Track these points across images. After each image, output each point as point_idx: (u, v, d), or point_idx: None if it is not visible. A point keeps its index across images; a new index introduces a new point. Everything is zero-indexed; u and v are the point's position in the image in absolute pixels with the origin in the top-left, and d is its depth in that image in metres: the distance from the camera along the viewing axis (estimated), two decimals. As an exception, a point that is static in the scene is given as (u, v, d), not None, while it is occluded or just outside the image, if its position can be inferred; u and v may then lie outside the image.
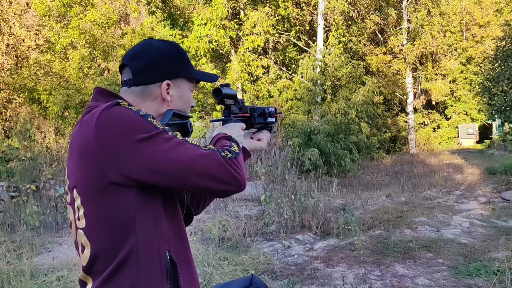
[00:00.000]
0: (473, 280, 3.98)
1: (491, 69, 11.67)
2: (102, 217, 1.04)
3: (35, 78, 14.62)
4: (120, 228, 1.04)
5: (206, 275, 3.88)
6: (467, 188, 9.69)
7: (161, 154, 1.00)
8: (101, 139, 1.01)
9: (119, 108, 1.04)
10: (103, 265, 1.05)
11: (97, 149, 1.01)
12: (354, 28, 16.68)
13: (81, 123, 1.08)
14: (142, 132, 1.00)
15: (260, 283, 1.85)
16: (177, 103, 1.22)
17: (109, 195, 1.02)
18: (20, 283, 3.84)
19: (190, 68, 1.25)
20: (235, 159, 1.09)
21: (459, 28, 22.17)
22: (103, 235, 1.05)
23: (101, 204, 1.04)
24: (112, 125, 1.01)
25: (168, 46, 1.23)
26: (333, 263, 4.63)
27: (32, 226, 6.06)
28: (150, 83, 1.18)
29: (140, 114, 1.03)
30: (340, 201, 7.96)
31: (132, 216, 1.03)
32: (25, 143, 7.89)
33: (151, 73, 1.18)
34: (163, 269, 1.07)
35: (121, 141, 1.00)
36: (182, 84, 1.23)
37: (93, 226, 1.06)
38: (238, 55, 15.28)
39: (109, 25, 14.98)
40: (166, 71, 1.19)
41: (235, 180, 1.07)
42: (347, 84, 14.27)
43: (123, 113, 1.03)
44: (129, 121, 1.01)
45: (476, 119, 22.86)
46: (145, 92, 1.18)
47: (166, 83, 1.19)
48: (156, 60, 1.19)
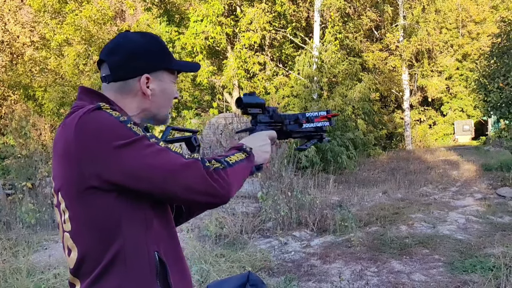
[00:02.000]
0: (469, 276, 4.00)
1: (487, 65, 11.71)
2: (87, 220, 1.03)
3: (30, 75, 14.56)
4: (106, 231, 1.03)
5: (203, 272, 3.89)
6: (463, 184, 9.73)
7: (140, 160, 0.97)
8: (80, 143, 0.99)
9: (100, 113, 1.01)
10: (90, 268, 1.04)
11: (77, 153, 0.99)
12: (351, 25, 16.68)
13: (64, 125, 1.06)
14: (121, 138, 0.97)
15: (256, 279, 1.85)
16: (158, 97, 1.17)
17: (92, 198, 1.01)
18: (16, 281, 3.82)
19: (171, 59, 1.20)
20: (222, 170, 1.03)
21: (455, 24, 22.18)
22: (88, 238, 1.04)
23: (85, 207, 1.03)
24: (91, 130, 0.99)
25: (145, 38, 1.18)
26: (330, 260, 4.64)
27: (28, 224, 6.03)
28: (128, 78, 1.13)
29: (120, 120, 1.01)
30: (336, 197, 7.97)
31: (117, 219, 1.02)
32: (20, 141, 7.85)
33: (128, 67, 1.13)
34: (152, 269, 1.06)
35: (100, 146, 0.98)
36: (162, 76, 1.17)
37: (78, 229, 1.05)
38: (235, 52, 15.25)
39: (104, 22, 14.92)
40: (144, 64, 1.14)
41: (214, 192, 1.01)
42: (344, 81, 14.27)
43: (103, 119, 1.00)
44: (108, 127, 0.99)
45: (472, 116, 22.93)
46: (124, 87, 1.14)
47: (145, 77, 1.14)
48: (133, 54, 1.14)
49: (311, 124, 1.44)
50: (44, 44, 15.78)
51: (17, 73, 14.30)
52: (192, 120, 14.45)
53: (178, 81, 15.12)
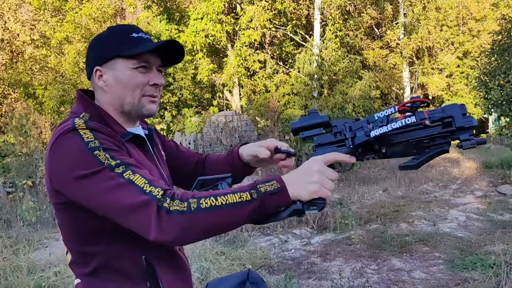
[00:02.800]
0: (469, 274, 4.00)
1: (488, 63, 11.67)
2: (69, 228, 1.08)
3: (30, 73, 14.55)
4: (88, 237, 1.06)
5: (203, 270, 3.89)
6: (463, 182, 9.73)
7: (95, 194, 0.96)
8: (50, 164, 1.02)
9: (73, 137, 1.00)
10: (81, 269, 1.09)
11: (49, 172, 1.03)
12: (351, 22, 16.65)
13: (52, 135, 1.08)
14: (82, 168, 0.96)
15: (256, 277, 1.85)
16: (115, 87, 1.12)
17: (70, 210, 1.05)
18: (17, 278, 3.83)
19: (124, 45, 1.11)
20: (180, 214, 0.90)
21: (455, 22, 22.14)
22: (75, 243, 1.09)
23: (66, 217, 1.07)
24: (59, 154, 1.00)
25: (102, 33, 1.18)
26: (330, 258, 4.65)
27: (28, 222, 6.04)
28: (90, 76, 1.16)
29: (88, 146, 0.98)
30: (337, 195, 7.97)
31: (97, 227, 1.04)
32: (21, 139, 7.86)
33: (87, 65, 1.16)
34: (141, 271, 1.07)
35: (63, 173, 0.99)
36: (115, 65, 1.11)
37: (65, 235, 1.10)
38: (235, 50, 15.23)
39: (104, 20, 14.88)
40: (94, 58, 1.14)
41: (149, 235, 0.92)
42: (344, 78, 14.25)
43: (74, 144, 0.99)
44: (75, 155, 0.98)
45: (472, 113, 22.90)
46: (93, 85, 1.16)
47: (95, 70, 1.13)
48: (88, 51, 1.17)
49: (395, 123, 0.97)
50: (44, 42, 15.76)
51: (17, 71, 14.29)
52: (193, 118, 14.46)
53: (179, 79, 15.11)
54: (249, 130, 12.44)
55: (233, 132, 12.01)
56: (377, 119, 0.99)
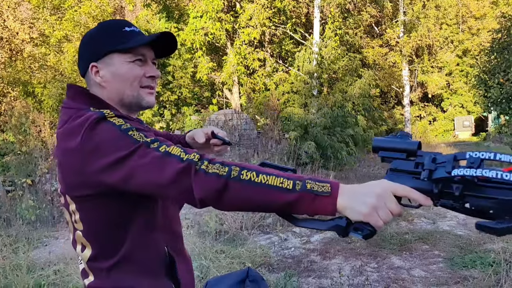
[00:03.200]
0: (469, 272, 4.01)
1: (487, 61, 11.67)
2: (97, 221, 1.08)
3: (29, 72, 14.52)
4: (116, 229, 1.07)
5: (203, 268, 3.89)
6: (463, 180, 9.73)
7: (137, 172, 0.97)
8: (85, 153, 1.00)
9: (105, 123, 1.01)
10: (103, 264, 1.09)
11: (83, 160, 1.01)
12: (351, 21, 16.63)
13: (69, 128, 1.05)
14: (121, 149, 0.97)
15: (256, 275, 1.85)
16: (112, 82, 1.13)
17: (99, 202, 1.05)
18: (16, 277, 3.82)
19: (118, 40, 1.13)
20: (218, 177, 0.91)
21: (455, 20, 22.13)
22: (101, 237, 1.09)
23: (94, 210, 1.07)
24: (95, 142, 0.99)
25: (92, 29, 1.18)
26: (330, 256, 4.65)
27: (28, 221, 6.03)
28: (85, 72, 1.16)
29: (121, 128, 1.00)
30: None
31: (126, 218, 1.07)
32: (20, 137, 7.85)
33: (80, 62, 1.17)
34: (162, 264, 1.11)
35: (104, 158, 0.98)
36: (111, 60, 1.13)
37: (90, 229, 1.10)
38: (234, 48, 15.21)
39: (104, 18, 14.85)
40: (88, 54, 1.15)
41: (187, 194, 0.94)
42: (344, 77, 14.24)
43: (106, 131, 1.00)
44: (110, 140, 0.99)
45: (472, 112, 22.91)
46: (88, 82, 1.17)
47: (91, 66, 1.13)
48: (81, 48, 1.17)
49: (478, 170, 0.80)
50: (44, 40, 15.74)
51: (17, 70, 14.26)
52: (192, 117, 14.44)
53: (178, 77, 15.10)
54: (248, 128, 12.43)
55: (233, 130, 12.00)
56: (468, 157, 0.82)
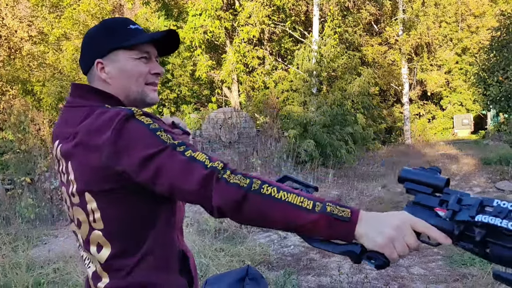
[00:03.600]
0: (468, 269, 4.02)
1: (486, 59, 11.68)
2: (119, 218, 1.07)
3: (28, 70, 14.50)
4: (139, 228, 1.08)
5: (203, 266, 3.89)
6: (462, 178, 9.74)
7: (161, 173, 0.98)
8: (114, 150, 1.00)
9: (135, 121, 1.02)
10: (122, 263, 1.09)
11: (111, 156, 1.01)
12: (350, 19, 16.62)
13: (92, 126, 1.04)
14: (149, 147, 0.99)
15: (256, 273, 1.85)
16: (118, 78, 1.15)
17: (124, 198, 1.05)
18: (16, 275, 3.83)
19: (123, 37, 1.14)
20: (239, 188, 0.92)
21: (454, 18, 22.12)
22: (122, 235, 1.09)
23: (118, 206, 1.06)
24: (128, 138, 1.00)
25: (96, 26, 1.20)
26: (329, 254, 4.65)
27: (27, 219, 6.03)
28: (88, 70, 1.17)
29: (150, 128, 1.01)
30: (336, 192, 7.98)
31: (148, 215, 1.08)
32: (19, 136, 7.84)
33: (83, 59, 1.18)
34: (177, 261, 1.15)
35: (131, 155, 0.99)
36: (117, 56, 1.14)
37: (111, 228, 1.08)
38: (234, 46, 15.20)
39: (102, 16, 14.82)
40: (93, 51, 1.16)
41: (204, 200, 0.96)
42: (343, 75, 14.24)
43: (136, 128, 1.01)
44: (139, 138, 1.00)
45: (471, 110, 22.93)
46: (91, 79, 1.17)
47: (96, 62, 1.14)
48: (85, 45, 1.19)
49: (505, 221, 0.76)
50: (42, 38, 15.70)
51: (15, 68, 14.23)
52: (191, 115, 14.43)
53: (177, 75, 15.08)
54: (248, 126, 12.43)
55: (232, 128, 12.00)
56: (495, 205, 0.78)
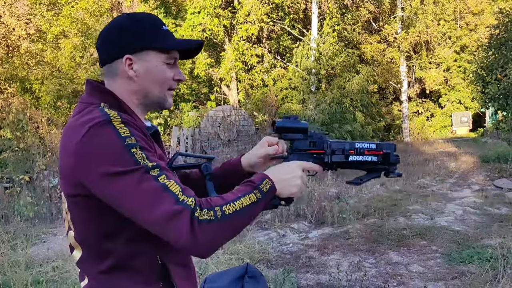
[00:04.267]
0: (466, 267, 4.02)
1: (485, 57, 11.68)
2: (86, 223, 1.04)
3: (26, 68, 14.46)
4: (107, 235, 1.03)
5: (202, 264, 3.89)
6: (460, 176, 9.76)
7: (127, 194, 0.93)
8: (81, 155, 0.97)
9: (108, 130, 0.97)
10: (93, 267, 1.06)
11: (76, 162, 0.97)
12: (349, 17, 16.61)
13: (75, 123, 1.03)
14: (118, 165, 0.93)
15: (255, 271, 1.85)
16: (144, 78, 1.11)
17: (90, 204, 1.00)
18: (15, 274, 3.82)
19: (158, 38, 1.12)
20: (209, 223, 0.92)
21: (453, 16, 22.12)
22: (90, 241, 1.05)
23: (85, 211, 1.03)
24: (94, 147, 0.96)
25: (127, 19, 1.13)
26: (328, 251, 4.66)
27: (26, 217, 6.03)
28: (111, 61, 1.11)
29: (125, 142, 0.96)
30: (334, 190, 7.98)
31: (115, 223, 1.01)
32: (18, 134, 7.83)
33: (108, 49, 1.12)
34: (156, 271, 1.07)
35: (96, 166, 0.95)
36: (148, 57, 1.11)
37: (80, 231, 1.06)
38: (232, 44, 15.18)
39: (101, 14, 14.78)
40: (124, 45, 1.10)
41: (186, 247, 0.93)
42: (342, 73, 14.24)
43: (110, 138, 0.96)
44: (110, 150, 0.95)
45: (469, 108, 22.95)
46: (111, 70, 1.12)
47: (126, 58, 1.09)
48: (111, 35, 1.12)
49: (361, 157, 1.23)
50: (40, 36, 15.67)
51: (13, 66, 14.20)
52: (190, 113, 14.42)
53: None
54: (247, 124, 12.43)
55: (231, 126, 12.00)
56: (357, 147, 1.22)
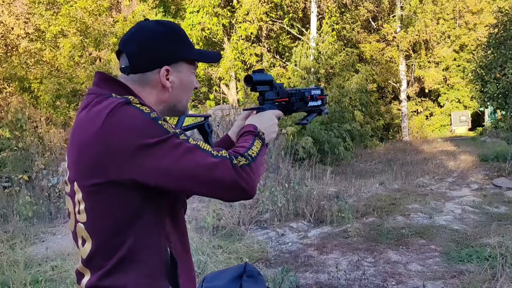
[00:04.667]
0: (465, 266, 4.03)
1: (484, 56, 11.66)
2: (103, 213, 1.03)
3: (25, 67, 14.45)
4: (122, 224, 1.03)
5: (201, 263, 3.89)
6: (459, 175, 9.76)
7: (168, 160, 0.97)
8: (107, 137, 0.97)
9: (130, 108, 1.00)
10: (103, 260, 1.04)
11: (102, 146, 0.98)
12: (348, 16, 16.62)
13: (88, 113, 1.03)
14: (151, 136, 0.96)
15: (253, 270, 1.85)
16: (178, 89, 1.15)
17: (111, 192, 1.00)
18: (14, 273, 3.82)
19: (189, 49, 1.15)
20: (248, 166, 1.04)
21: (452, 15, 22.11)
22: (104, 231, 1.04)
23: (103, 200, 1.02)
24: (121, 126, 0.97)
25: (162, 27, 1.13)
26: (327, 250, 4.66)
27: (25, 217, 6.01)
28: (148, 71, 1.10)
29: (151, 116, 0.99)
30: (333, 189, 7.99)
31: (134, 214, 1.02)
32: (16, 133, 7.80)
33: (146, 58, 1.10)
34: (163, 265, 1.07)
35: (128, 144, 0.96)
36: (181, 67, 1.14)
37: (94, 221, 1.05)
38: (231, 43, 15.18)
39: (100, 13, 14.78)
40: (163, 56, 1.11)
41: (242, 191, 1.03)
42: (341, 72, 14.24)
43: (134, 114, 0.99)
44: (139, 125, 0.98)
45: (468, 107, 22.95)
46: (143, 79, 1.11)
47: (165, 69, 1.11)
48: (150, 44, 1.10)
49: (315, 102, 1.46)
50: (39, 35, 15.66)
51: (12, 65, 14.19)
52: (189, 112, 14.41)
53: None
54: (245, 123, 12.42)
55: (230, 126, 12.00)
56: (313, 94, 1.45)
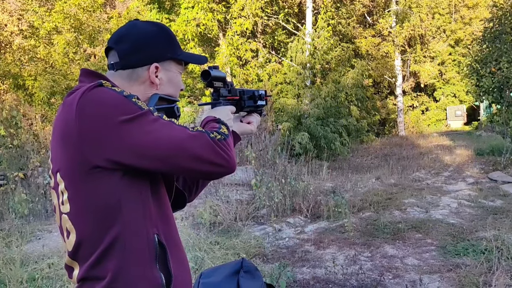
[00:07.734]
0: (461, 260, 4.05)
1: (479, 50, 11.69)
2: (86, 201, 1.02)
3: (19, 64, 14.35)
4: (106, 212, 1.01)
5: (198, 259, 3.89)
6: (455, 169, 9.81)
7: (145, 136, 0.96)
8: (82, 121, 0.97)
9: (102, 89, 1.01)
10: (89, 250, 1.03)
11: (79, 131, 0.97)
12: (343, 11, 16.56)
13: (64, 105, 1.05)
14: (125, 113, 0.96)
15: (250, 266, 1.85)
16: (166, 86, 1.19)
17: (92, 179, 0.99)
18: (10, 271, 3.80)
19: (178, 50, 1.22)
20: (224, 140, 1.05)
21: (447, 10, 22.13)
22: (88, 220, 1.02)
23: (85, 188, 1.01)
24: (94, 106, 0.97)
25: (154, 27, 1.20)
26: (324, 245, 4.67)
27: (21, 214, 5.99)
28: (138, 67, 1.15)
29: (123, 94, 1.00)
30: (330, 184, 8.00)
31: (118, 200, 1.01)
32: (11, 131, 7.76)
33: (138, 56, 1.15)
34: (152, 252, 1.05)
35: (103, 123, 0.96)
36: (170, 66, 1.19)
37: (77, 211, 1.03)
38: (227, 39, 15.11)
39: (94, 9, 14.68)
40: (154, 54, 1.16)
41: (224, 161, 1.04)
42: (337, 67, 14.22)
43: (106, 94, 1.00)
44: (112, 102, 0.98)
45: (464, 101, 23.03)
46: (132, 75, 1.15)
47: (154, 66, 1.15)
48: (142, 43, 1.16)
49: (262, 101, 1.51)
50: (33, 32, 15.53)
51: (6, 62, 14.09)
52: (185, 108, 14.38)
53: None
54: (242, 119, 12.41)
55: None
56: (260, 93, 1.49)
